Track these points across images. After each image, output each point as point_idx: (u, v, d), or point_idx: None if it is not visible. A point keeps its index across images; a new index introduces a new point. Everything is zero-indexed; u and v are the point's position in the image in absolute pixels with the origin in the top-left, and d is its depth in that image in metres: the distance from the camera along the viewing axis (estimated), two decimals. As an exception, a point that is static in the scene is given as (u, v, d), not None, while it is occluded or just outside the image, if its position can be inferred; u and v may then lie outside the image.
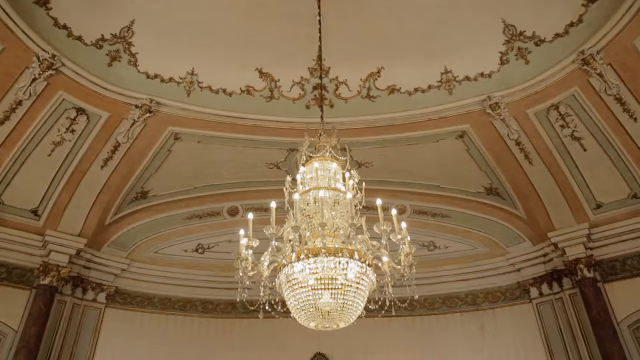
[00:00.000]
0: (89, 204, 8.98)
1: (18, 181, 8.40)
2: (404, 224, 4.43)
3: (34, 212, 8.80)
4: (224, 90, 8.00)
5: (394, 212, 4.51)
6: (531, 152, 8.55)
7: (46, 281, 8.54)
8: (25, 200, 8.69)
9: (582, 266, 8.65)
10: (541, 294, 9.44)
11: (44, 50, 6.95)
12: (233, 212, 10.01)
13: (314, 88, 7.95)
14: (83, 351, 8.92)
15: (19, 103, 7.48)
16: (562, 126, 8.19)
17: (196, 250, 10.42)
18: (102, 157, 8.54)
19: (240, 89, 8.01)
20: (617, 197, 8.65)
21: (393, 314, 5.14)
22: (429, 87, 8.00)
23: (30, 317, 8.23)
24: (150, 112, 7.96)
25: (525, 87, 7.73)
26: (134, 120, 8.06)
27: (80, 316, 9.14)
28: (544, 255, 9.44)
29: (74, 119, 8.03)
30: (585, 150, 8.32)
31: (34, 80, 7.25)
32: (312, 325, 4.46)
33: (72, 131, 8.15)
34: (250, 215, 4.53)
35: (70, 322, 8.96)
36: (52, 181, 8.61)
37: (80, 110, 7.95)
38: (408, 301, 5.28)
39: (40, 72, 7.16)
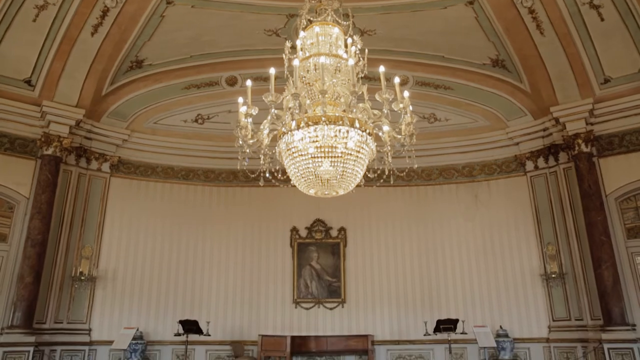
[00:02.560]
0: (83, 73, 8.76)
1: (5, 49, 8.10)
2: (406, 93, 4.32)
3: (28, 82, 8.64)
4: (216, -53, 7.30)
5: (396, 80, 4.36)
6: (544, 22, 8.09)
7: (49, 151, 8.68)
8: (16, 70, 8.49)
9: (580, 141, 8.73)
10: (536, 168, 9.68)
11: None
12: (232, 81, 9.77)
13: (315, -56, 7.22)
14: (93, 217, 9.41)
15: (-9, -42, 6.87)
16: (581, -8, 7.63)
17: (196, 121, 10.39)
18: (91, 23, 8.09)
19: (234, -56, 7.29)
20: (627, 71, 8.45)
21: (391, 183, 5.28)
22: (441, -56, 7.28)
23: (39, 185, 8.52)
24: (137, -29, 7.35)
25: (547, -54, 7.04)
26: (121, -19, 7.48)
27: (87, 185, 9.47)
28: (544, 129, 9.48)
29: (55, -21, 7.45)
30: (602, 19, 7.87)
31: None
32: (311, 192, 4.58)
33: (55, -7, 7.61)
34: (249, 82, 4.38)
35: (78, 191, 9.33)
36: (42, 49, 8.31)
37: (60, -30, 7.34)
38: (406, 171, 5.39)
39: None
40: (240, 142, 4.29)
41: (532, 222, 9.54)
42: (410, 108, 4.35)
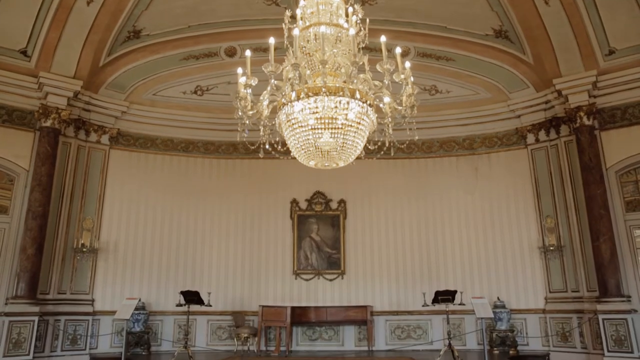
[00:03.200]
0: (80, 43, 8.63)
1: (-2, 19, 7.96)
2: (407, 64, 4.25)
3: (23, 52, 8.53)
4: None
5: (398, 50, 4.29)
6: (549, -10, 7.93)
7: (48, 123, 8.63)
8: (11, 40, 8.36)
9: (582, 114, 8.66)
10: (537, 140, 9.64)
11: None
12: (231, 52, 9.62)
13: None
14: (93, 189, 9.43)
15: None
16: (588, -43, 7.44)
17: (195, 92, 10.29)
18: (86, -9, 7.94)
19: None
20: (632, 42, 8.31)
21: (392, 155, 5.26)
22: None
23: (38, 157, 8.51)
24: (132, -63, 7.13)
25: None
26: (116, -53, 7.27)
27: (86, 157, 9.45)
28: (546, 102, 9.40)
29: (47, -54, 7.25)
30: (609, -13, 7.71)
31: None
32: (311, 163, 4.56)
33: (46, -41, 7.43)
34: (248, 52, 4.31)
35: (78, 163, 9.32)
36: (37, 19, 8.16)
37: None
38: (407, 143, 5.36)
39: None
40: (240, 114, 4.25)
41: (532, 195, 9.57)
42: (412, 79, 4.29)
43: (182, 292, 8.35)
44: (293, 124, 4.20)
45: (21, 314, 7.72)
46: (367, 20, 4.85)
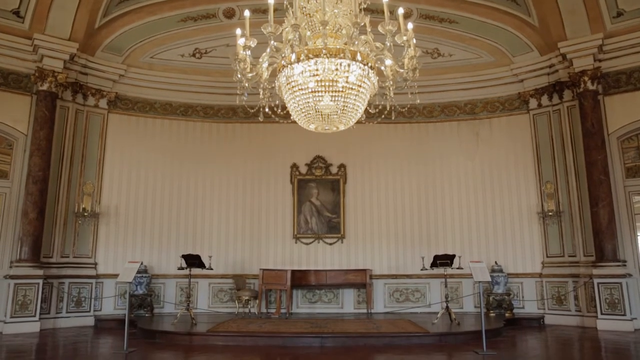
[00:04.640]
0: (74, 4, 8.42)
1: (-12, -24, 7.73)
2: (410, 25, 4.16)
3: (16, 13, 8.32)
4: None
5: (400, 11, 4.18)
6: (558, -52, 7.67)
7: (44, 87, 8.52)
8: (2, 0, 8.11)
9: (586, 78, 8.54)
10: (540, 105, 9.54)
11: None
12: (229, 13, 9.36)
13: None
14: (93, 153, 9.40)
15: None
16: None
17: (193, 55, 10.09)
18: (78, -52, 7.68)
19: None
20: (642, 3, 8.09)
21: (392, 119, 5.21)
22: None
23: (36, 121, 8.44)
24: None
25: None
26: None
27: (85, 121, 9.38)
28: (550, 66, 9.25)
29: None
30: (619, -55, 7.45)
31: None
32: (312, 127, 4.53)
33: None
34: (247, 13, 4.20)
35: (77, 127, 9.26)
36: (28, -25, 7.95)
37: None
38: (408, 107, 5.31)
39: None
40: (239, 76, 4.19)
41: (532, 160, 9.55)
42: (414, 41, 4.20)
43: (183, 256, 8.44)
44: (293, 87, 4.16)
45: (25, 276, 7.83)
46: (369, -22, 4.71)
